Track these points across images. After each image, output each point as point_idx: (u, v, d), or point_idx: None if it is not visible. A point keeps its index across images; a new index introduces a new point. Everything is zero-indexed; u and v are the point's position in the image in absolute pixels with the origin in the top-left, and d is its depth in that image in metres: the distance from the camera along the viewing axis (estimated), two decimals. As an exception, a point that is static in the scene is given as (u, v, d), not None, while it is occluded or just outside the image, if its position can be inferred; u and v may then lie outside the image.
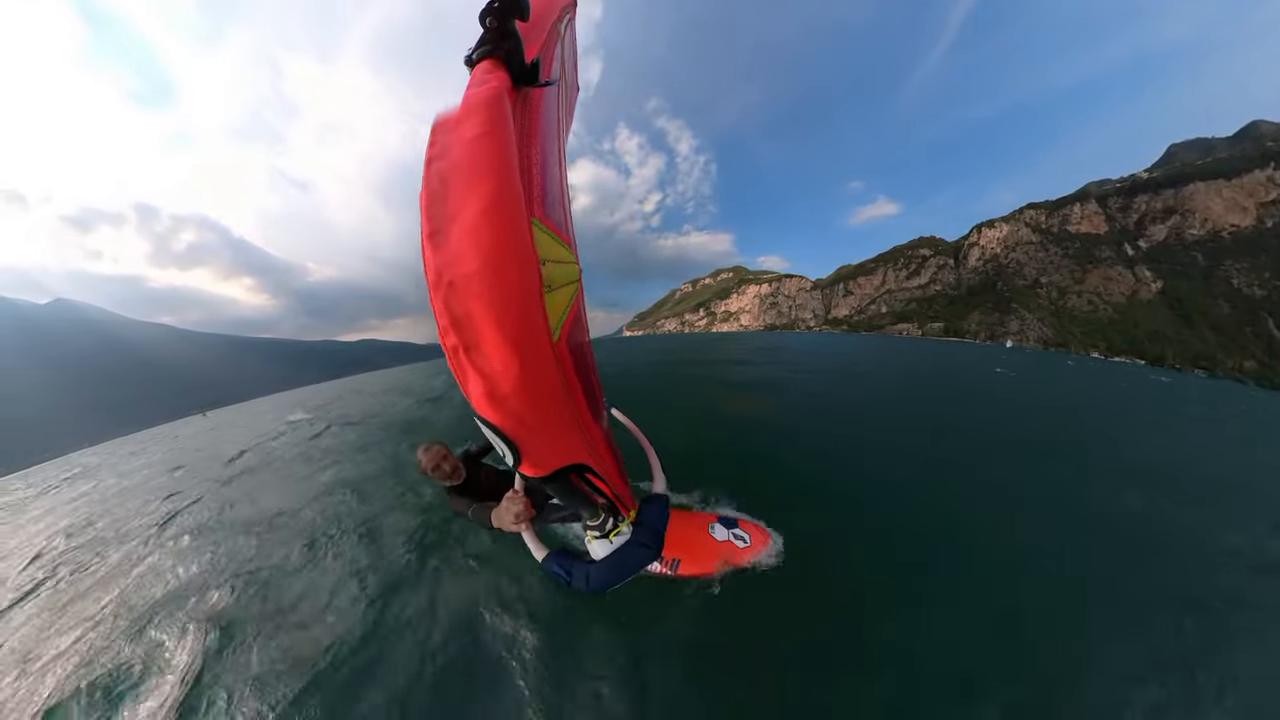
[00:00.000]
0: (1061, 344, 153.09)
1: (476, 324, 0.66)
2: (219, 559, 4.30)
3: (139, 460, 10.87)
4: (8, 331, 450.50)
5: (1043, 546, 3.43)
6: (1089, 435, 7.03)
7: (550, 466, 1.10)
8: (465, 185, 0.65)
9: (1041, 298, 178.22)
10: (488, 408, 0.77)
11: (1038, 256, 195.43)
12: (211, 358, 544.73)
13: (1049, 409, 9.37)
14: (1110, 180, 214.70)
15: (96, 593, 4.16)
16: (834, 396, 9.73)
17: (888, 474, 4.87)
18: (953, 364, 19.00)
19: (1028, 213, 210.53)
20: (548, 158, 1.29)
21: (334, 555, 3.98)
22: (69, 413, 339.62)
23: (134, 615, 3.62)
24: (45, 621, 3.90)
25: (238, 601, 3.53)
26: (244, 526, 4.96)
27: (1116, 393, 13.51)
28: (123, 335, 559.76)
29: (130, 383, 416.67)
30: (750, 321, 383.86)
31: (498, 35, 0.83)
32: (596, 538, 2.02)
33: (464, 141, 0.67)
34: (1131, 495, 4.39)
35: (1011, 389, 12.57)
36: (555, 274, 1.23)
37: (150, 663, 3.08)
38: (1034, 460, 5.43)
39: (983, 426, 7.40)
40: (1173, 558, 3.38)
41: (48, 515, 7.14)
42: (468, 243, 0.63)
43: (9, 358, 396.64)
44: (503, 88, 0.78)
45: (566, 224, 1.59)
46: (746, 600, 2.64)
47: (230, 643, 3.06)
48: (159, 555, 4.68)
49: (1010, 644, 2.47)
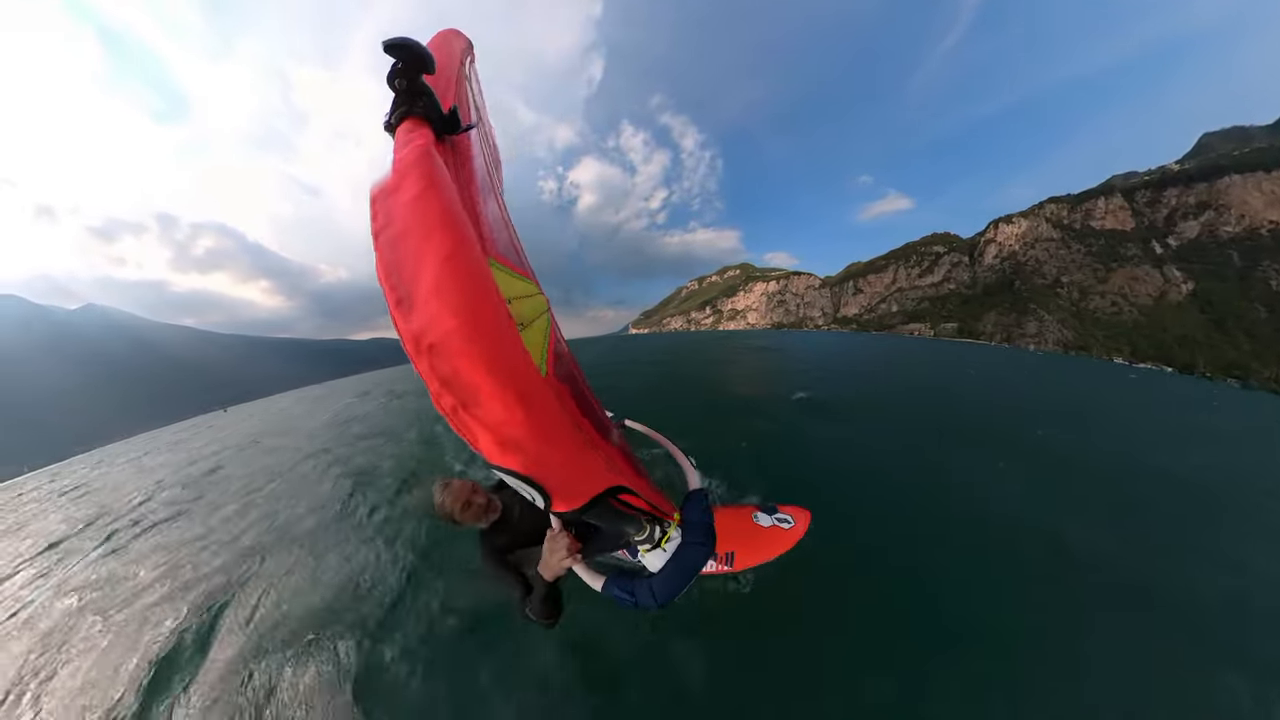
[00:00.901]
0: (1082, 347, 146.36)
1: (467, 378, 0.65)
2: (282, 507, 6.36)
3: (174, 452, 13.10)
4: (42, 335, 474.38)
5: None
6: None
7: (584, 497, 1.07)
8: (418, 245, 0.64)
9: (1062, 298, 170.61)
10: (504, 457, 0.76)
11: (1058, 254, 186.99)
12: (232, 357, 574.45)
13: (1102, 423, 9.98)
14: (1137, 173, 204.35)
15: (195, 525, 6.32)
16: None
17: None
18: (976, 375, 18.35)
19: (1048, 207, 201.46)
20: (485, 197, 1.30)
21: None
22: (103, 409, 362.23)
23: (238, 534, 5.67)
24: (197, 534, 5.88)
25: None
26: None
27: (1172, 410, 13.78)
28: (149, 337, 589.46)
29: (157, 381, 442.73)
30: (757, 320, 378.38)
31: (410, 94, 0.84)
32: (649, 550, 1.97)
33: (405, 204, 0.67)
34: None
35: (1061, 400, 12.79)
36: (524, 309, 1.22)
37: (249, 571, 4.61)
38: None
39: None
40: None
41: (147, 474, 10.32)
42: (436, 301, 0.62)
43: (45, 360, 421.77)
44: (428, 142, 0.79)
45: (520, 257, 1.60)
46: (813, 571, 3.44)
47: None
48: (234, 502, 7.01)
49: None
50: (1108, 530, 4.65)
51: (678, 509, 1.89)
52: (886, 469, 5.73)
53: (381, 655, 3.27)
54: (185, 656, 3.58)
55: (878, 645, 3.13)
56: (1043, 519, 4.71)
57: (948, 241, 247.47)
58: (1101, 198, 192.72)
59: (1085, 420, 10.29)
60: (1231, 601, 3.73)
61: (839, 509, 4.56)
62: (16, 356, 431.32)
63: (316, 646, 3.42)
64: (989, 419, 9.49)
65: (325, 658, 3.30)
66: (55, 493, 10.93)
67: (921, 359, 23.78)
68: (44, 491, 11.58)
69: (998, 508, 4.89)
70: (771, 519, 3.03)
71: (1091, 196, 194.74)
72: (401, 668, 3.16)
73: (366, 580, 4.13)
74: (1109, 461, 7.03)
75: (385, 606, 3.77)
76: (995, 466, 6.12)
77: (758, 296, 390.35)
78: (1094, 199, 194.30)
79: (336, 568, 4.42)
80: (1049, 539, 4.32)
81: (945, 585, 3.65)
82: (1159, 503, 5.56)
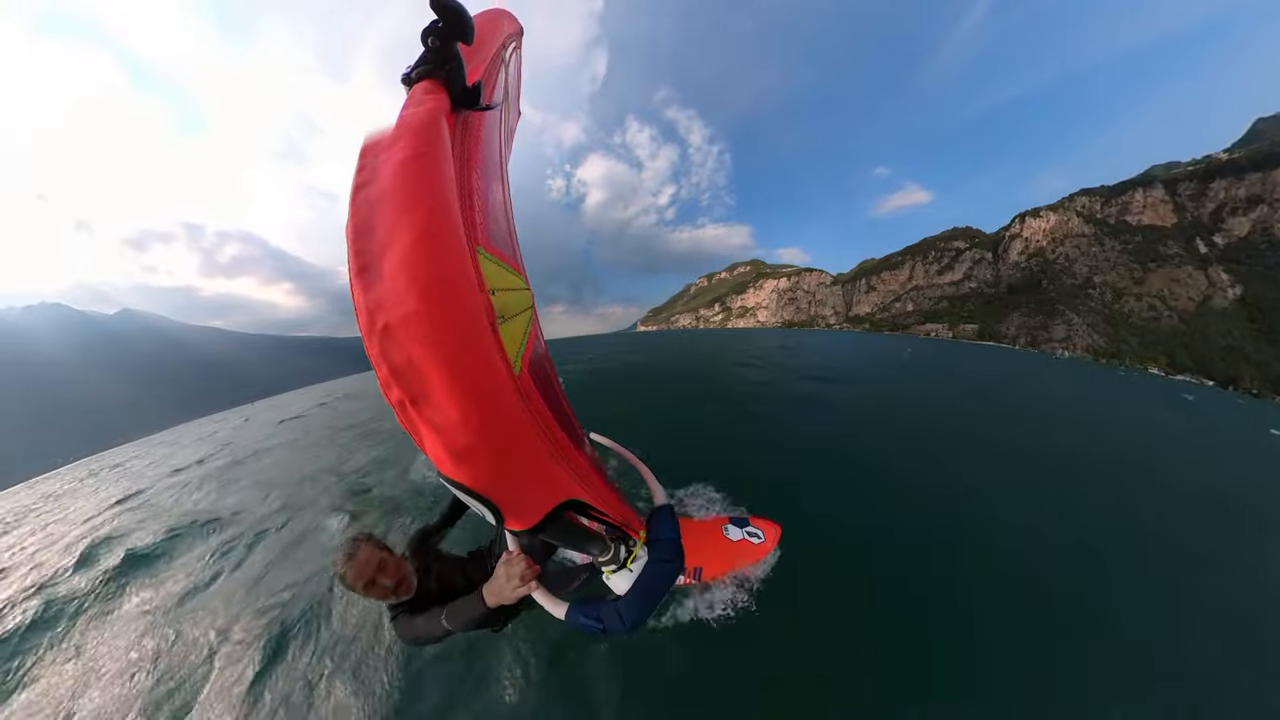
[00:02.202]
0: (1114, 355, 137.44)
1: (422, 371, 0.58)
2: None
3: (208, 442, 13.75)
4: (83, 339, 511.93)
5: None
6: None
7: (540, 513, 0.98)
8: (396, 213, 0.59)
9: (1093, 300, 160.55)
10: (451, 466, 0.69)
11: (1090, 251, 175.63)
12: (257, 356, 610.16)
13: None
14: (1180, 163, 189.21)
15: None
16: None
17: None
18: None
19: (1080, 200, 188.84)
20: (490, 183, 1.23)
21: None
22: (141, 406, 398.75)
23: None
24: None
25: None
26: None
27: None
28: (181, 339, 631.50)
29: (190, 379, 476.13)
30: (767, 317, 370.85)
31: (440, 56, 0.80)
32: (614, 571, 1.85)
33: (395, 164, 0.62)
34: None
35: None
36: (507, 302, 1.17)
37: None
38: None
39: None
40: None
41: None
42: (402, 279, 0.57)
43: (87, 361, 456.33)
44: (440, 109, 0.74)
45: (514, 250, 1.54)
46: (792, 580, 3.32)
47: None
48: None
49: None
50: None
51: (644, 525, 1.81)
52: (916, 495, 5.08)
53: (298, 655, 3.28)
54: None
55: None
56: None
57: (969, 237, 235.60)
58: (1140, 189, 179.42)
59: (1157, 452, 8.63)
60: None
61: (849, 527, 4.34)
62: (62, 359, 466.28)
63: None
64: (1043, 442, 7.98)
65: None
66: (106, 467, 12.96)
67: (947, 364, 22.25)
68: (96, 467, 13.55)
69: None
70: (742, 532, 3.17)
71: (1128, 188, 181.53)
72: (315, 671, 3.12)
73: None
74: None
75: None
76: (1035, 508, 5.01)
77: (768, 294, 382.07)
78: (1131, 191, 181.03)
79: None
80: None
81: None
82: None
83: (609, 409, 9.37)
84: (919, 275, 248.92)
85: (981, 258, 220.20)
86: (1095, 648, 3.01)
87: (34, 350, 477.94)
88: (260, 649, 3.31)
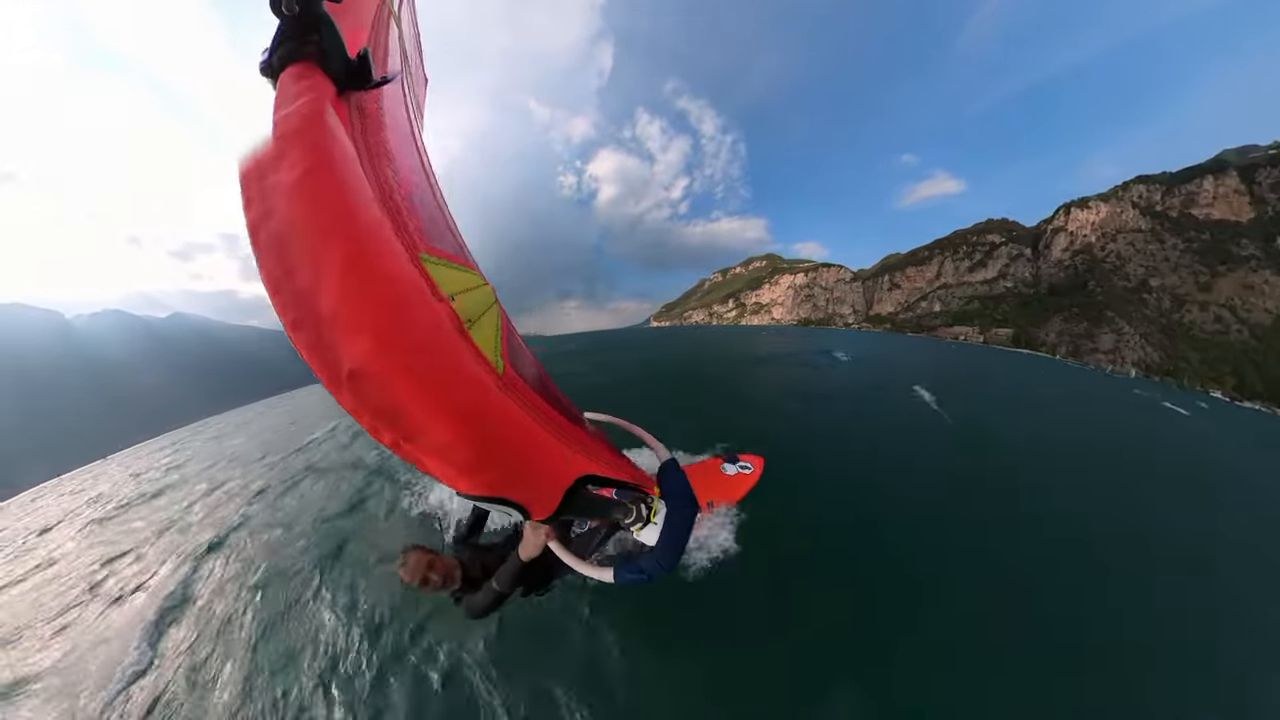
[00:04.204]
0: (1170, 373, 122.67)
1: (403, 408, 0.54)
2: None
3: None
4: (143, 341, 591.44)
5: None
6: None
7: (558, 496, 0.98)
8: (309, 246, 0.50)
9: (1149, 306, 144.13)
10: (464, 483, 0.67)
11: (1147, 250, 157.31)
12: (288, 353, 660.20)
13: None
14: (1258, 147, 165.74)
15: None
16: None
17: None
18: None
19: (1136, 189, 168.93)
20: (410, 174, 1.06)
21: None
22: (190, 396, 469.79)
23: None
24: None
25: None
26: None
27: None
28: (224, 337, 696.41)
29: (231, 374, 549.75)
30: (783, 315, 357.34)
31: (303, 26, 0.62)
32: (641, 529, 2.14)
33: (288, 188, 0.51)
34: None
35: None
36: (470, 304, 1.09)
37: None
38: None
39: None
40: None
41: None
42: (345, 319, 0.49)
43: (144, 360, 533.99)
44: (323, 98, 0.60)
45: (458, 244, 1.39)
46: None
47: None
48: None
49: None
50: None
51: (656, 482, 2.04)
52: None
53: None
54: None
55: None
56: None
57: (1005, 230, 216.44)
58: (1209, 177, 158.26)
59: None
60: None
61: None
62: (123, 359, 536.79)
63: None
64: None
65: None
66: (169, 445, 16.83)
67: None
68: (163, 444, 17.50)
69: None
70: (735, 467, 3.99)
71: (1195, 175, 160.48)
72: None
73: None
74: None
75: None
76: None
77: (784, 290, 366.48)
78: (1198, 179, 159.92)
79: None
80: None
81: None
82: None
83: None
84: (948, 272, 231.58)
85: (1019, 254, 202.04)
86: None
87: (103, 351, 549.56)
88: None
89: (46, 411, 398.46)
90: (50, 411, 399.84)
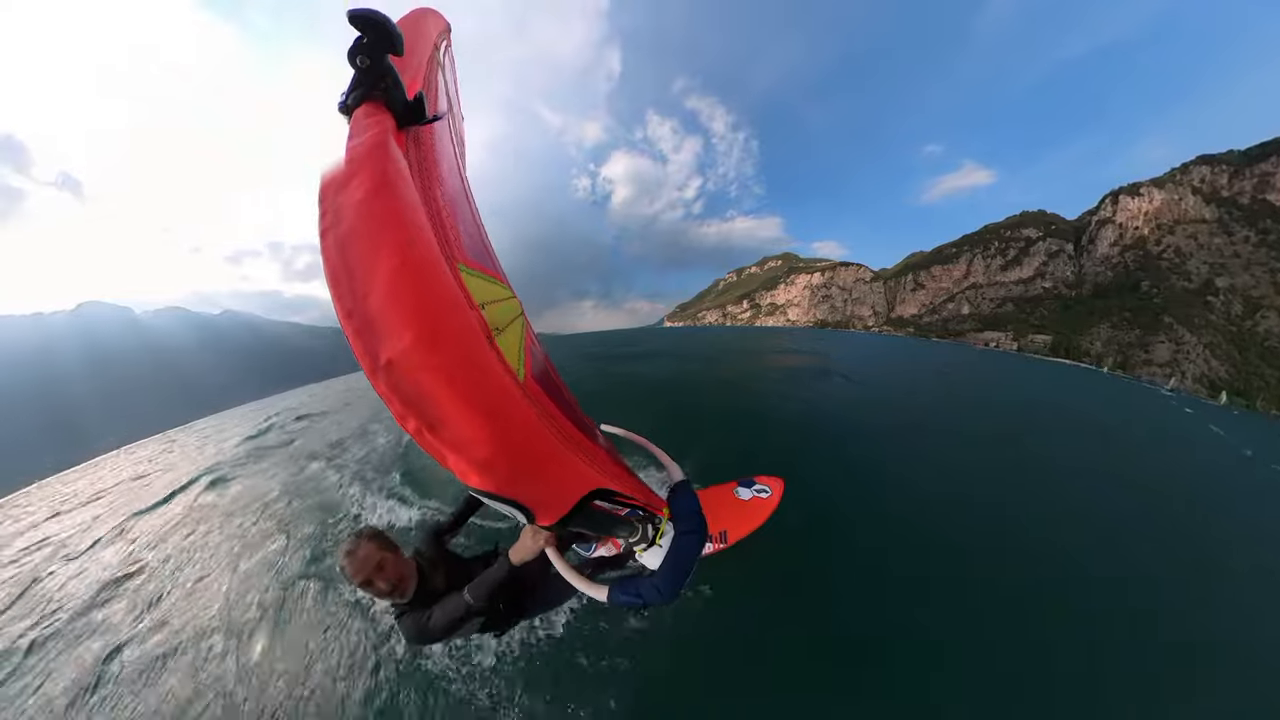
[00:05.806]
0: (1239, 392, 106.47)
1: (431, 398, 0.61)
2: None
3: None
4: (198, 334, 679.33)
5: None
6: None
7: (566, 505, 1.05)
8: (368, 251, 0.60)
9: (1214, 311, 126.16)
10: (476, 478, 0.73)
11: (1212, 244, 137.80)
12: (327, 345, 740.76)
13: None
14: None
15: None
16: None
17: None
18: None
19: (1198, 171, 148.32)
20: (454, 196, 1.24)
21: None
22: (240, 383, 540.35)
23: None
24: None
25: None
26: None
27: None
28: (268, 332, 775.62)
29: (275, 364, 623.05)
30: (799, 316, 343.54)
31: (373, 75, 0.79)
32: (645, 550, 2.05)
33: (355, 203, 0.62)
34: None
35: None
36: (498, 314, 1.20)
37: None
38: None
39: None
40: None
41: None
42: (392, 314, 0.58)
43: (200, 351, 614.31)
44: (387, 131, 0.74)
45: (491, 259, 1.58)
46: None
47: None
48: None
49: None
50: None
51: (666, 503, 1.98)
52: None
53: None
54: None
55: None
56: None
57: (1043, 223, 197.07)
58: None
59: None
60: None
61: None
62: (184, 348, 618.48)
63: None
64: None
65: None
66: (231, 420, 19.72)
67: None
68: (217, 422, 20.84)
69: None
70: (751, 491, 3.50)
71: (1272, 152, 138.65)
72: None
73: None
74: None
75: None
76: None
77: (800, 290, 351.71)
78: (1276, 156, 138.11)
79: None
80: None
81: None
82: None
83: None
84: (978, 271, 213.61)
85: (1059, 250, 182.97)
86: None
87: (165, 343, 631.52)
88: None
89: (119, 392, 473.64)
90: (122, 392, 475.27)
